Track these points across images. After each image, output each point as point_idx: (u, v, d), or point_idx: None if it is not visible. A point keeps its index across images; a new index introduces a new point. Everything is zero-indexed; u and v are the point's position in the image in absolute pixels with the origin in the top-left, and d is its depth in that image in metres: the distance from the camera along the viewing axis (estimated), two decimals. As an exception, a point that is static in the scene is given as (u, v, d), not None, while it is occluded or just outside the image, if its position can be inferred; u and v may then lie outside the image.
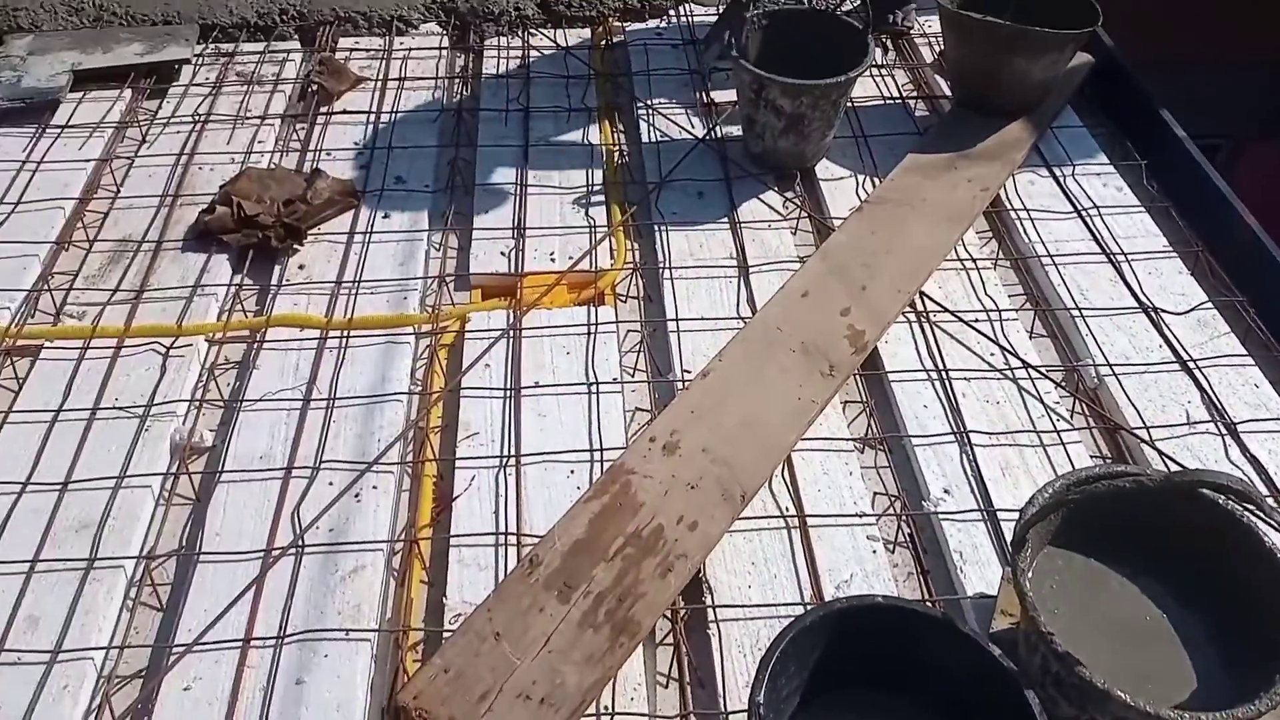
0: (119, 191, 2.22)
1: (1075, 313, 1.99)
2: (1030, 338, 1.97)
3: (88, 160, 2.27)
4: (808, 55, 2.27)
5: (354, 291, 2.00)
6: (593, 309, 1.98)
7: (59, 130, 2.36)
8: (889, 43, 2.78)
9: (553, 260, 2.10)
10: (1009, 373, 1.86)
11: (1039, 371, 1.86)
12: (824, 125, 2.25)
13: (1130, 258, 2.10)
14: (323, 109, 2.49)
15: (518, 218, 2.19)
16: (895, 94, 2.59)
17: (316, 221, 2.14)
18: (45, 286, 1.96)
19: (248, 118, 2.43)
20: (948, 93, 2.56)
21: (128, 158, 2.31)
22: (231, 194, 2.13)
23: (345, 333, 1.90)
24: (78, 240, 2.10)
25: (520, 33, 2.78)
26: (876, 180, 2.31)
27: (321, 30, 2.74)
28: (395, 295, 2.00)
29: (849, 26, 2.30)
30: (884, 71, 2.66)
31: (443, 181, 2.30)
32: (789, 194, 2.29)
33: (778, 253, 2.13)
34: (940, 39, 2.66)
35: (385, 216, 2.19)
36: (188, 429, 1.72)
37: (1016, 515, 1.25)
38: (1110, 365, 1.87)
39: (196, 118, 2.41)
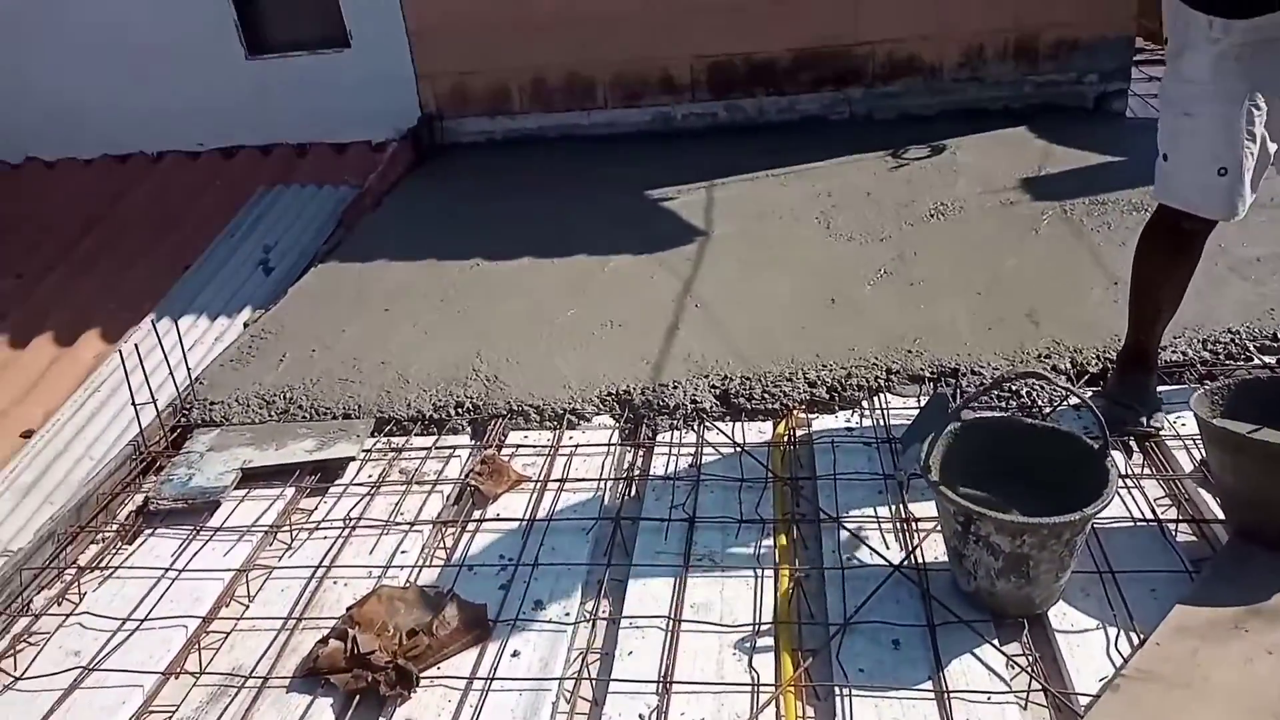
0: (247, 608, 2.07)
1: None
2: None
3: (227, 570, 2.17)
4: (1029, 470, 1.89)
5: (459, 762, 1.65)
6: (750, 812, 1.52)
7: (211, 534, 2.30)
8: (1134, 444, 2.33)
9: (703, 731, 1.67)
10: None
11: None
12: (1056, 566, 1.78)
13: None
14: (476, 512, 2.32)
15: (665, 665, 1.81)
16: (1148, 513, 2.09)
17: (438, 659, 1.86)
18: (134, 731, 1.75)
19: (398, 522, 2.29)
20: (1219, 513, 2.04)
21: (267, 567, 2.19)
22: (354, 620, 1.92)
23: (436, 827, 1.53)
24: (189, 668, 1.92)
25: (695, 426, 2.57)
26: (1134, 636, 1.78)
27: (493, 424, 2.66)
28: (506, 771, 1.63)
29: (1079, 444, 1.89)
30: (1130, 482, 2.18)
31: (586, 609, 1.99)
32: (1013, 651, 1.79)
33: (1001, 740, 1.61)
34: (1200, 445, 2.19)
35: (514, 655, 1.88)
36: None
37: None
38: None
39: (348, 521, 2.30)
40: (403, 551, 2.20)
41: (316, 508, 2.39)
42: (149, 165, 5.26)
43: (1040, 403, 2.53)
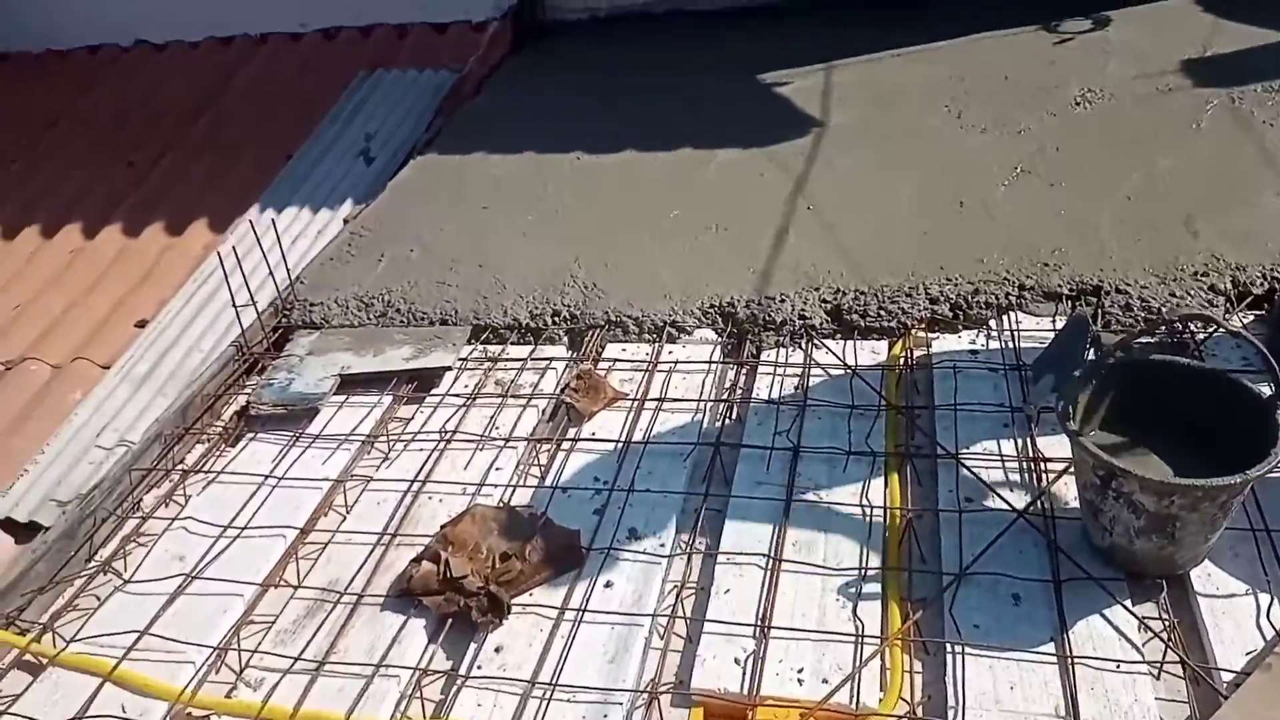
0: (344, 519, 2.07)
1: None
2: None
3: (325, 480, 2.17)
4: (1183, 414, 1.69)
5: (548, 695, 1.62)
6: (848, 772, 1.44)
7: (310, 440, 2.30)
8: (1299, 380, 2.06)
9: (800, 681, 1.59)
10: None
11: None
12: (1206, 528, 1.60)
13: None
14: (571, 430, 2.25)
15: (763, 608, 1.73)
16: (1314, 463, 1.86)
17: (530, 586, 1.83)
18: (235, 644, 1.78)
19: (493, 437, 2.24)
20: (1402, 469, 1.79)
21: (364, 478, 2.18)
22: (447, 540, 1.90)
23: (524, 763, 1.51)
24: (287, 579, 1.94)
25: (803, 345, 2.41)
26: (1291, 606, 1.60)
27: (590, 335, 2.56)
28: (594, 709, 1.59)
29: (1244, 391, 1.66)
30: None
31: (682, 540, 1.91)
32: (1148, 614, 1.63)
33: (1130, 714, 1.47)
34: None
35: (607, 585, 1.82)
36: None
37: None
38: None
39: (443, 434, 2.26)
40: (497, 468, 2.15)
41: (413, 417, 2.36)
42: (253, 47, 5.20)
43: (1194, 329, 2.27)
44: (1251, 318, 2.31)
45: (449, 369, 2.48)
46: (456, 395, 2.41)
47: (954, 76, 3.74)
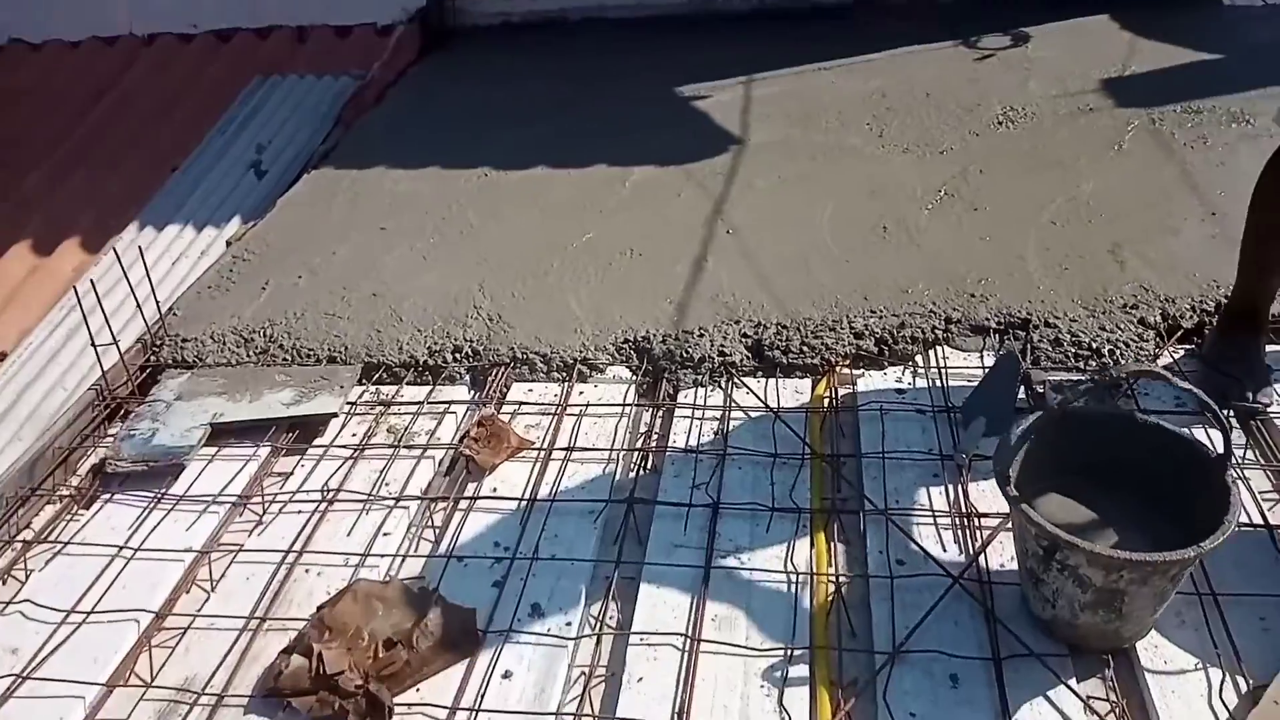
0: (207, 599, 1.82)
1: None
2: None
3: (188, 551, 1.91)
4: (1126, 470, 1.58)
5: (435, 816, 1.41)
6: None
7: (174, 502, 2.04)
8: (1236, 422, 1.98)
9: (721, 787, 1.42)
10: None
11: None
12: (1155, 601, 1.48)
13: None
14: (470, 486, 2.04)
15: (680, 699, 1.55)
16: (1255, 514, 1.77)
17: (417, 679, 1.61)
18: (67, 759, 1.53)
19: (382, 496, 2.02)
20: (1345, 521, 1.71)
21: (232, 547, 1.93)
22: (324, 624, 1.66)
23: None
24: (139, 671, 1.68)
25: (723, 384, 2.25)
26: (1243, 682, 1.48)
27: (494, 373, 2.35)
28: (489, 830, 1.39)
29: (1191, 448, 1.55)
30: (1234, 468, 1.84)
31: (591, 616, 1.72)
32: (1094, 692, 1.51)
33: (1079, 814, 1.34)
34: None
35: (505, 677, 1.62)
36: None
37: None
38: None
39: (325, 493, 2.03)
40: (385, 534, 1.93)
41: (292, 472, 2.12)
42: (139, 48, 4.84)
43: (1123, 361, 2.18)
44: (1182, 352, 2.23)
45: (335, 416, 2.25)
46: (342, 446, 2.17)
47: (875, 93, 3.64)
